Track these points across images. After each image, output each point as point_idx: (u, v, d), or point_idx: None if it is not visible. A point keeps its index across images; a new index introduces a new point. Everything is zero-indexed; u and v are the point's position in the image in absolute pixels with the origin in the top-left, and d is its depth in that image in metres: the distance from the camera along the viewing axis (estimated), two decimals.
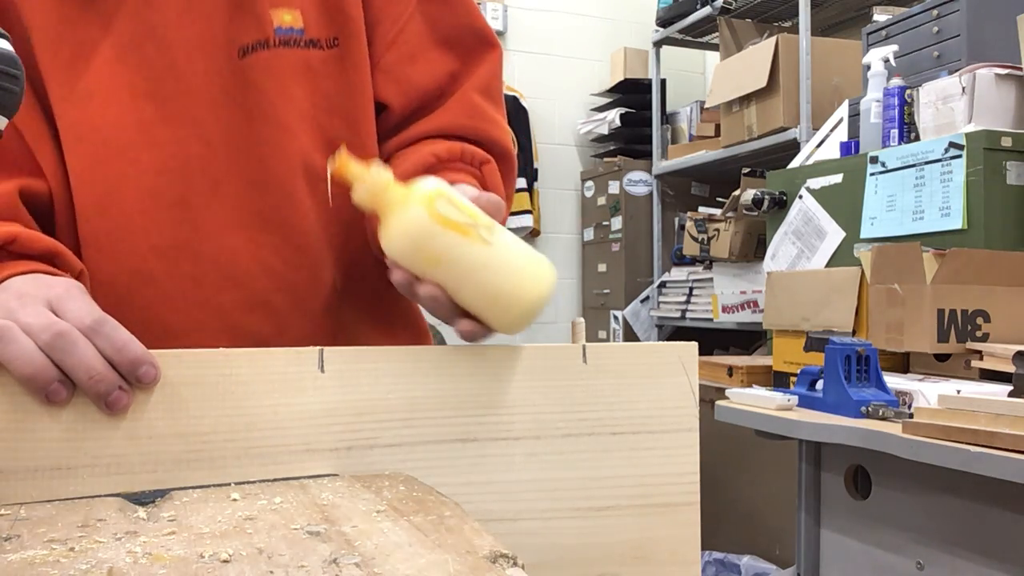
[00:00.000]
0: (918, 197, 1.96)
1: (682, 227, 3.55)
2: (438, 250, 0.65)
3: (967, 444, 1.22)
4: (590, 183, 4.27)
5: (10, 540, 0.48)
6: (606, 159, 4.24)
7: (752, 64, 3.12)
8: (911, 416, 1.36)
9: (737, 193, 2.87)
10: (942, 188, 1.91)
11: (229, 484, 0.62)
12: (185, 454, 0.63)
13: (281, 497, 0.57)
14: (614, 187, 4.04)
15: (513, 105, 4.06)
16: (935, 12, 2.15)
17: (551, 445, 0.70)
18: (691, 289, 3.59)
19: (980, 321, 1.65)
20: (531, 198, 4.15)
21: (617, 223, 4.02)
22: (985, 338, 1.64)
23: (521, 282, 0.67)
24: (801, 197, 2.33)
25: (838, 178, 2.22)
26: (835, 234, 2.21)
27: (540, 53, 4.37)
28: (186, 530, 0.50)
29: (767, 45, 3.07)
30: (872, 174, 2.09)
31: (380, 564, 0.43)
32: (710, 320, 3.40)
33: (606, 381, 0.72)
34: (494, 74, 0.90)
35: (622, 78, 4.21)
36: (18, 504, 0.57)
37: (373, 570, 0.42)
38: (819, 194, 2.27)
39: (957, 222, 1.87)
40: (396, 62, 0.86)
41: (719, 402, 1.73)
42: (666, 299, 3.75)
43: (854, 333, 1.83)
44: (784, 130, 3.05)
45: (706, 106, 3.65)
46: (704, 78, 4.57)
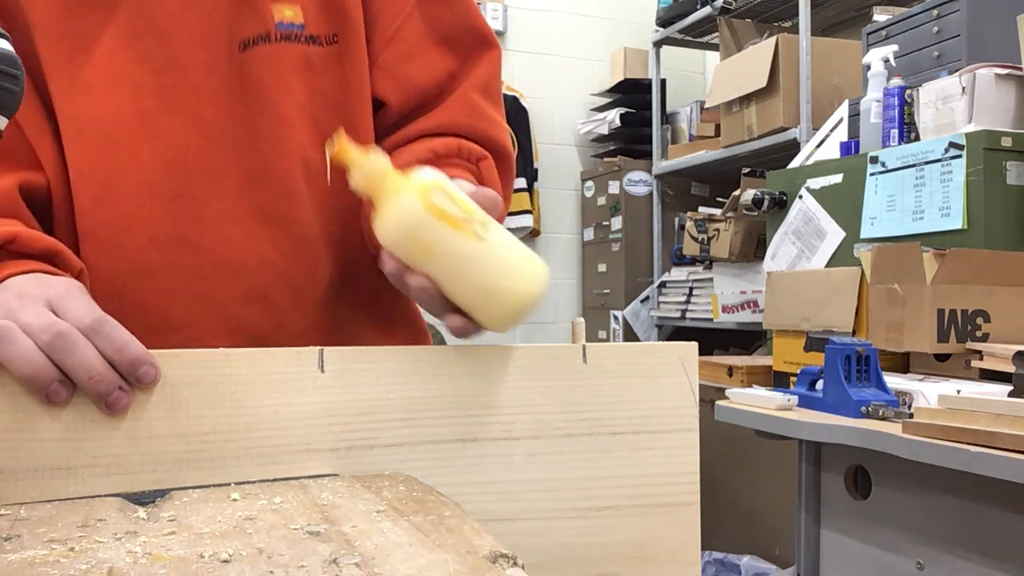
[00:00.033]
0: (918, 197, 1.96)
1: (682, 227, 3.55)
2: (430, 241, 0.65)
3: (967, 444, 1.22)
4: (590, 183, 4.27)
5: (10, 540, 0.48)
6: (606, 159, 4.23)
7: (752, 64, 3.12)
8: (911, 416, 1.36)
9: (737, 193, 2.87)
10: (942, 188, 1.91)
11: (229, 484, 0.62)
12: (185, 454, 0.63)
13: (281, 497, 0.57)
14: (614, 187, 4.04)
15: (513, 105, 4.05)
16: (935, 12, 2.15)
17: (551, 445, 0.70)
18: (691, 289, 3.59)
19: (980, 321, 1.65)
20: (531, 198, 4.14)
21: (617, 223, 4.02)
22: (985, 338, 1.64)
23: (513, 280, 0.67)
24: (801, 197, 2.33)
25: (838, 178, 2.22)
26: (835, 234, 2.21)
27: (540, 53, 4.37)
28: (186, 530, 0.50)
29: (767, 45, 3.07)
30: (872, 174, 2.09)
31: (380, 564, 0.43)
32: (710, 320, 3.41)
33: (606, 381, 0.72)
34: (493, 73, 0.90)
35: (622, 78, 4.21)
36: (18, 504, 0.57)
37: (373, 570, 0.42)
38: (819, 194, 2.27)
39: (957, 222, 1.87)
40: (394, 60, 0.86)
41: (719, 402, 1.73)
42: (666, 299, 3.75)
43: (854, 333, 1.83)
44: (784, 130, 3.05)
45: (706, 106, 3.65)
46: (704, 78, 4.57)
